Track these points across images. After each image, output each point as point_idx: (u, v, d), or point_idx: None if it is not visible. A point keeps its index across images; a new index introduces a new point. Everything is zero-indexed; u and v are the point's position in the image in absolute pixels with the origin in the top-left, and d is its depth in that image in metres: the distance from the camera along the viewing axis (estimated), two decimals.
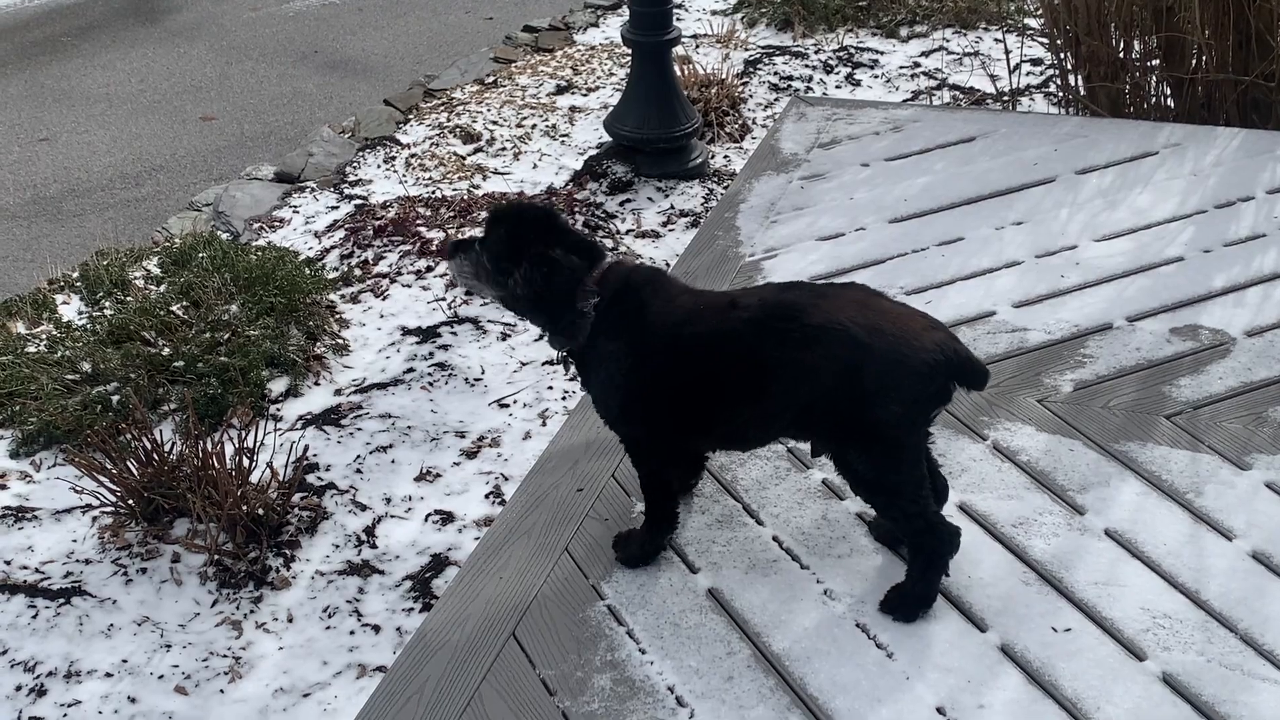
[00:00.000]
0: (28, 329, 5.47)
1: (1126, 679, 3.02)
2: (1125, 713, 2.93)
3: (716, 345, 3.09)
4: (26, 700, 3.79)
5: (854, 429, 3.05)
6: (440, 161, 7.14)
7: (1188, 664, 3.05)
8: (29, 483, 4.70)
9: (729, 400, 3.12)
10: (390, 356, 5.40)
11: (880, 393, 2.98)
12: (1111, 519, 3.49)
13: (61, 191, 7.68)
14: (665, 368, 3.13)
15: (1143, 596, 3.24)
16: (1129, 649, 3.10)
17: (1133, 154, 5.44)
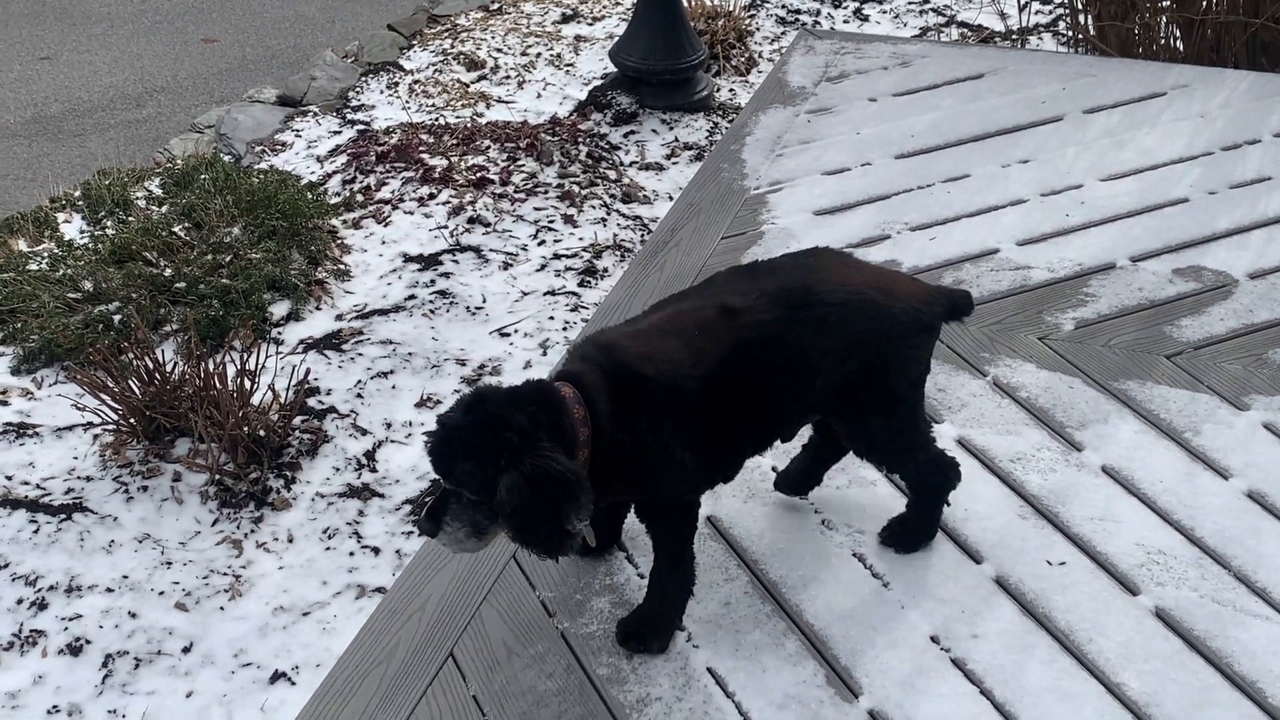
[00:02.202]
0: (29, 246, 5.46)
1: (1119, 612, 3.05)
2: (1117, 645, 2.97)
3: (753, 356, 2.82)
4: (28, 613, 3.82)
5: (878, 396, 2.99)
6: (444, 88, 7.10)
7: (1180, 599, 3.09)
8: (30, 399, 4.70)
9: (776, 405, 2.93)
10: (392, 283, 5.39)
11: (904, 354, 2.97)
12: (1109, 456, 3.52)
13: (62, 111, 7.63)
14: (708, 404, 2.79)
15: (1138, 532, 3.27)
16: (1123, 583, 3.14)
17: (1141, 94, 5.42)
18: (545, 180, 6.00)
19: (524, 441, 2.54)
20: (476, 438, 2.56)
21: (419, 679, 2.91)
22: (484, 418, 2.57)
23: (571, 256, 5.50)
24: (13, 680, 3.65)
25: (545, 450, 2.55)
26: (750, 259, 4.36)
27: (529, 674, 2.92)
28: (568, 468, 2.56)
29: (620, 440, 2.70)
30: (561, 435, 2.62)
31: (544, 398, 2.65)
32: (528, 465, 2.53)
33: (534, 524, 2.56)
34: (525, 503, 2.53)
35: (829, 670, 2.93)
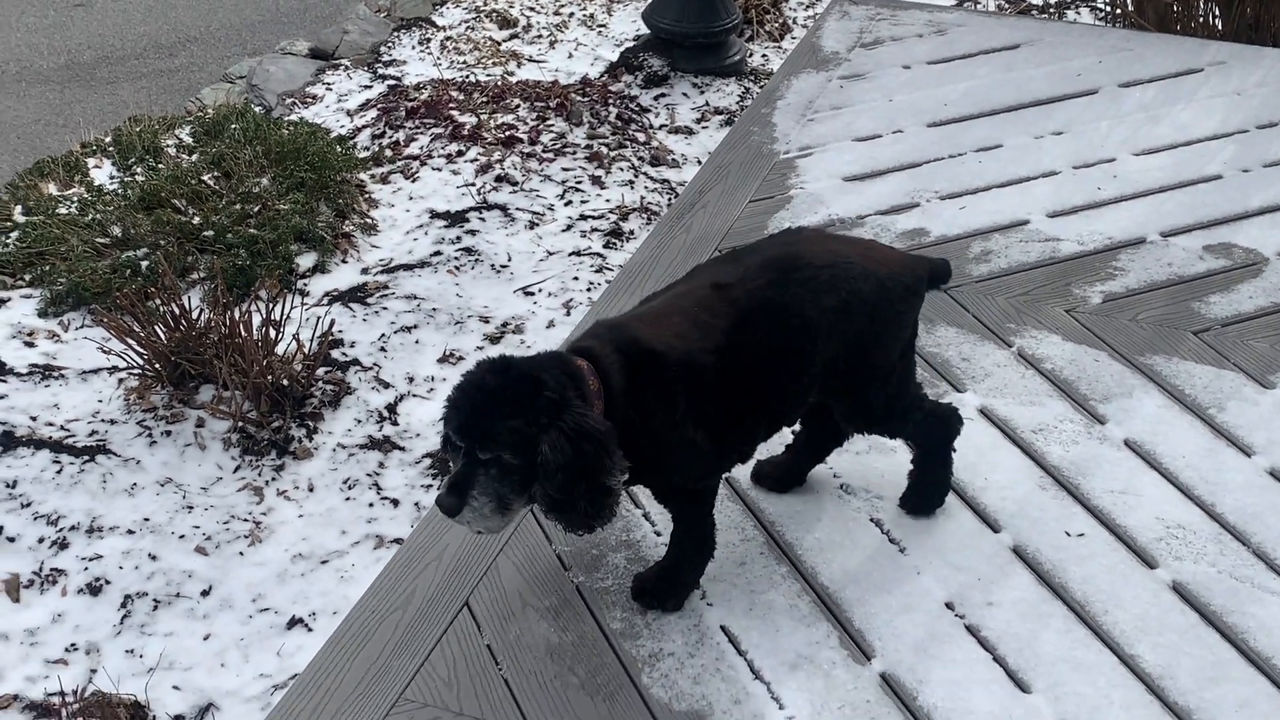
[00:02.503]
0: (59, 190, 5.48)
1: (1136, 585, 3.05)
2: (1133, 617, 2.96)
3: (757, 323, 2.79)
4: (49, 552, 3.85)
5: (874, 366, 2.97)
6: (475, 46, 7.09)
7: (1198, 574, 3.08)
8: (56, 342, 4.73)
9: (785, 373, 2.87)
10: (418, 239, 5.39)
11: (894, 318, 2.95)
12: (1132, 429, 3.50)
13: (95, 58, 7.65)
14: (720, 377, 2.76)
15: (1158, 507, 3.26)
16: (1141, 557, 3.13)
17: (1177, 70, 5.37)
18: (574, 141, 5.99)
19: (561, 399, 2.50)
20: (515, 396, 2.49)
21: (434, 626, 2.92)
22: (520, 378, 2.52)
23: (598, 218, 5.49)
24: (32, 618, 3.68)
25: (580, 408, 2.52)
26: (777, 223, 4.36)
27: (543, 625, 2.93)
28: (603, 423, 2.53)
29: (632, 420, 2.65)
30: (584, 401, 2.57)
31: (563, 366, 2.61)
32: (569, 422, 2.48)
33: (575, 484, 2.51)
34: (569, 462, 2.48)
35: (842, 632, 2.93)
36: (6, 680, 3.51)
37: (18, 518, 3.91)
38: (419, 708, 2.75)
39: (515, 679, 2.81)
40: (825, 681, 2.82)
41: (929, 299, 3.85)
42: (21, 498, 3.97)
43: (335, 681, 2.81)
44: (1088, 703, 2.78)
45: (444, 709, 2.74)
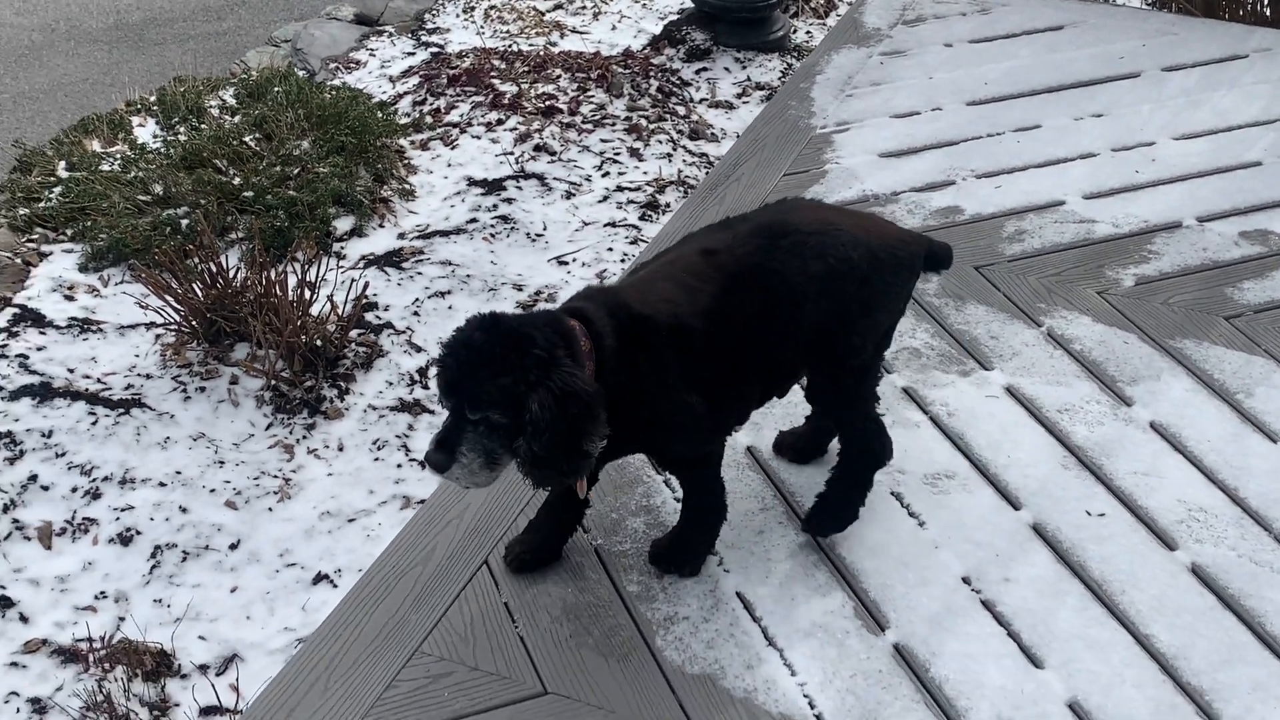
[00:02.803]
0: (103, 148, 5.54)
1: (1155, 566, 3.05)
2: (1150, 598, 2.97)
3: (742, 286, 2.77)
4: (81, 501, 3.91)
5: (858, 334, 2.92)
6: (519, 15, 7.11)
7: (1218, 557, 3.07)
8: (96, 296, 4.79)
9: (773, 337, 2.84)
10: (455, 205, 5.42)
11: (885, 290, 2.93)
12: (1158, 412, 3.49)
13: (144, 19, 7.71)
14: (709, 340, 2.75)
15: (1181, 489, 3.26)
16: (1161, 538, 3.13)
17: (1221, 55, 5.33)
18: (613, 112, 6.00)
19: (550, 357, 2.49)
20: (503, 354, 2.48)
21: (453, 583, 2.96)
22: (506, 334, 2.51)
23: (635, 190, 5.51)
24: (63, 565, 3.75)
25: (569, 367, 2.50)
26: (810, 198, 4.36)
27: (561, 586, 2.96)
28: (590, 383, 2.53)
29: (624, 382, 2.64)
30: (576, 362, 2.56)
31: (555, 324, 2.59)
32: (556, 381, 2.47)
33: (558, 445, 2.50)
34: (554, 420, 2.46)
35: (857, 603, 2.95)
36: (36, 625, 3.58)
37: (52, 467, 3.98)
38: (435, 661, 2.78)
39: (531, 637, 2.84)
40: (838, 650, 2.83)
41: (961, 279, 3.89)
42: (57, 447, 4.04)
43: (354, 633, 2.85)
44: (1100, 680, 2.78)
45: (459, 663, 2.78)
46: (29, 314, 4.61)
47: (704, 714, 2.69)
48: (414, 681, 2.74)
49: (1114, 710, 2.72)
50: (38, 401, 4.17)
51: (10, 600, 3.61)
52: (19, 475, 3.94)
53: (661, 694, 2.73)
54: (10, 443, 4.02)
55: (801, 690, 2.75)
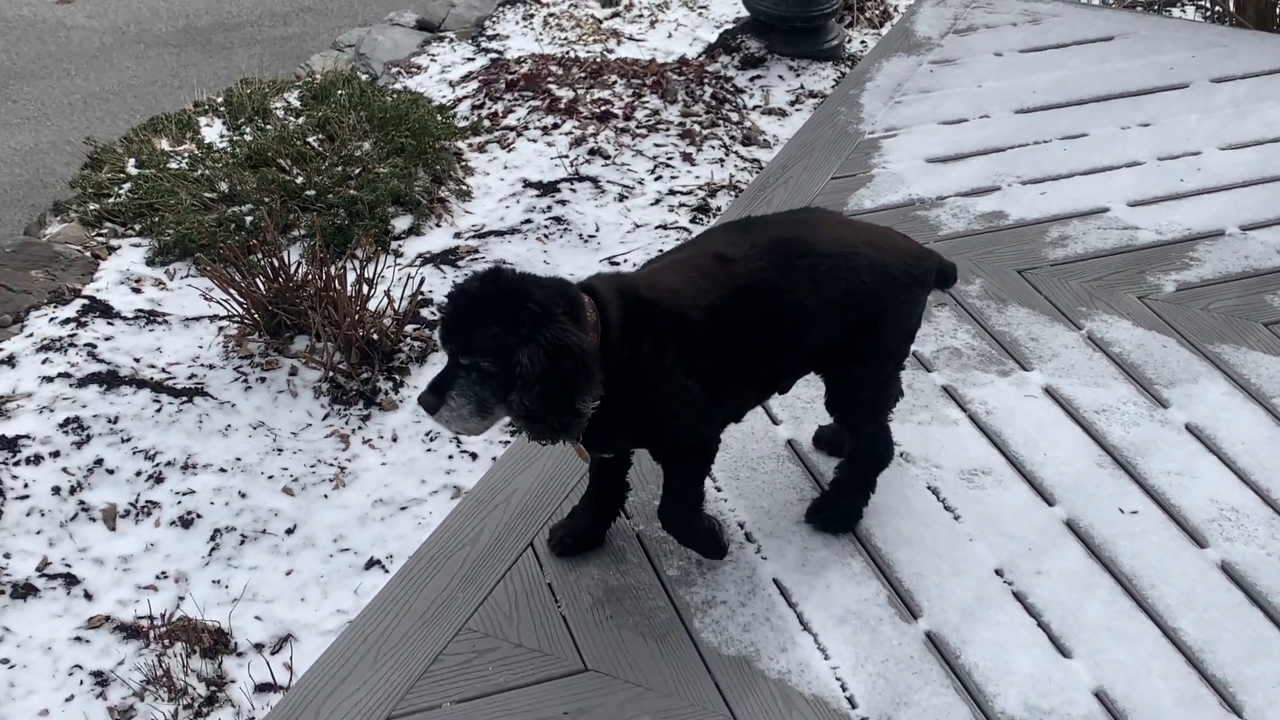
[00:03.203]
0: (171, 146, 5.71)
1: (1185, 563, 3.11)
2: (1179, 593, 3.03)
3: (749, 300, 2.83)
4: (145, 485, 4.05)
5: (873, 348, 3.00)
6: (577, 23, 7.23)
7: (1248, 555, 3.13)
8: (162, 289, 4.94)
9: (774, 349, 2.90)
10: (510, 206, 5.54)
11: (898, 307, 2.99)
12: (1194, 414, 3.55)
13: (212, 24, 7.90)
14: (708, 333, 2.79)
15: (1214, 489, 3.31)
16: (1192, 536, 3.19)
17: (1271, 67, 5.36)
18: (667, 118, 6.10)
19: (545, 312, 2.54)
20: (499, 305, 2.54)
21: (500, 563, 3.07)
22: (505, 287, 2.57)
23: (686, 194, 5.60)
24: (126, 545, 3.88)
25: (565, 324, 2.55)
26: (857, 201, 4.45)
27: (602, 569, 3.07)
28: (585, 341, 2.57)
29: (626, 358, 2.70)
30: (578, 324, 2.60)
31: (561, 287, 2.65)
32: (548, 335, 2.51)
33: (549, 398, 2.54)
34: (545, 373, 2.51)
35: (891, 591, 3.03)
36: (99, 602, 3.71)
37: (117, 451, 4.12)
38: (480, 637, 2.89)
39: (572, 616, 2.95)
40: (871, 636, 2.92)
41: (1003, 282, 3.96)
42: (122, 433, 4.18)
43: (404, 608, 2.96)
44: (1126, 670, 2.85)
45: (504, 639, 2.89)
46: (97, 305, 4.77)
47: (738, 694, 2.78)
48: (460, 656, 2.85)
49: (1139, 699, 2.79)
50: (105, 389, 4.31)
51: (75, 578, 3.75)
52: (86, 459, 4.09)
53: (698, 673, 2.82)
54: (78, 427, 4.16)
55: (834, 673, 2.83)
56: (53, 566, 3.78)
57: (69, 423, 4.17)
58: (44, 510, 3.91)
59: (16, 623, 3.60)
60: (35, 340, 4.53)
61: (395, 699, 2.75)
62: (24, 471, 3.99)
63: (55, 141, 6.52)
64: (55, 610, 3.67)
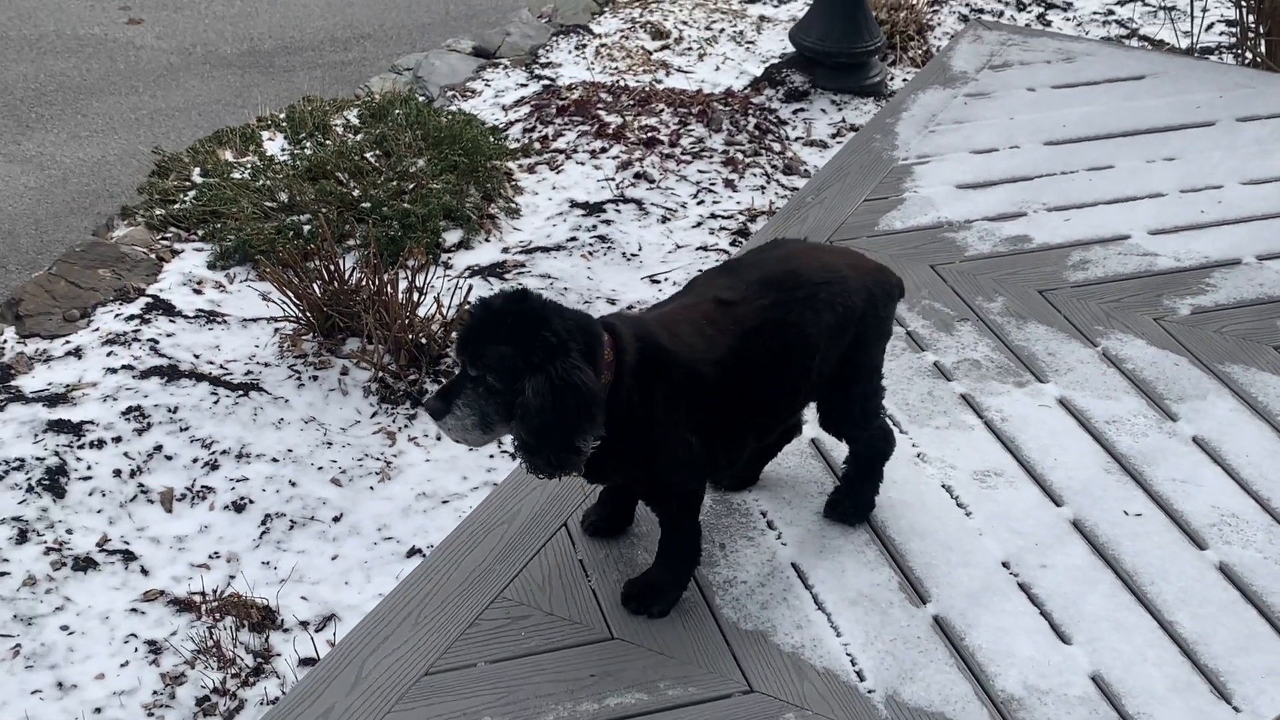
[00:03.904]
0: (235, 158, 5.97)
1: (1184, 563, 3.27)
2: (1177, 589, 3.19)
3: (762, 341, 2.94)
4: (201, 471, 4.27)
5: (864, 366, 3.17)
6: (628, 53, 7.48)
7: (1245, 558, 3.29)
8: (222, 291, 5.19)
9: (787, 387, 3.04)
10: (557, 225, 5.75)
11: (881, 322, 3.17)
12: (1201, 428, 3.71)
13: (275, 47, 8.19)
14: (718, 388, 2.89)
15: (1216, 496, 3.47)
16: (1193, 539, 3.35)
17: None
18: (711, 146, 6.32)
19: (560, 345, 2.57)
20: (516, 326, 2.58)
21: (535, 540, 3.27)
22: (527, 310, 2.61)
23: (727, 218, 5.80)
24: (181, 527, 4.09)
25: (576, 361, 2.58)
26: (888, 222, 4.65)
27: (632, 548, 3.26)
28: (593, 382, 2.60)
29: (635, 404, 2.75)
30: (592, 362, 2.64)
31: (584, 323, 2.70)
32: (558, 369, 2.55)
33: (548, 433, 2.58)
34: (546, 407, 2.55)
35: (902, 578, 3.21)
36: (155, 577, 3.92)
37: (176, 439, 4.34)
38: (514, 605, 3.09)
39: (602, 590, 3.14)
40: (881, 618, 3.09)
41: (1025, 301, 4.14)
42: (181, 422, 4.40)
43: (445, 577, 3.16)
44: (1123, 657, 3.01)
45: (536, 608, 3.09)
46: (160, 304, 5.01)
47: (754, 664, 2.96)
48: (494, 621, 3.05)
49: (1133, 684, 2.95)
50: (165, 381, 4.54)
51: (133, 555, 3.96)
52: (146, 445, 4.31)
53: (717, 645, 3.01)
54: (139, 416, 4.39)
55: (845, 649, 3.01)
56: (112, 543, 3.99)
57: (131, 411, 4.39)
58: (105, 491, 4.12)
59: (77, 593, 3.81)
60: (101, 334, 4.78)
61: (433, 657, 2.95)
62: (88, 454, 4.22)
63: (122, 155, 6.80)
64: (113, 583, 3.88)
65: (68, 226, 6.09)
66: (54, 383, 4.55)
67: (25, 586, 3.78)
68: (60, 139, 6.93)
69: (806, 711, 2.85)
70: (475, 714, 2.81)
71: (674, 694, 2.88)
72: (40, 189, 6.43)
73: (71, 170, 6.63)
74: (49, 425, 4.29)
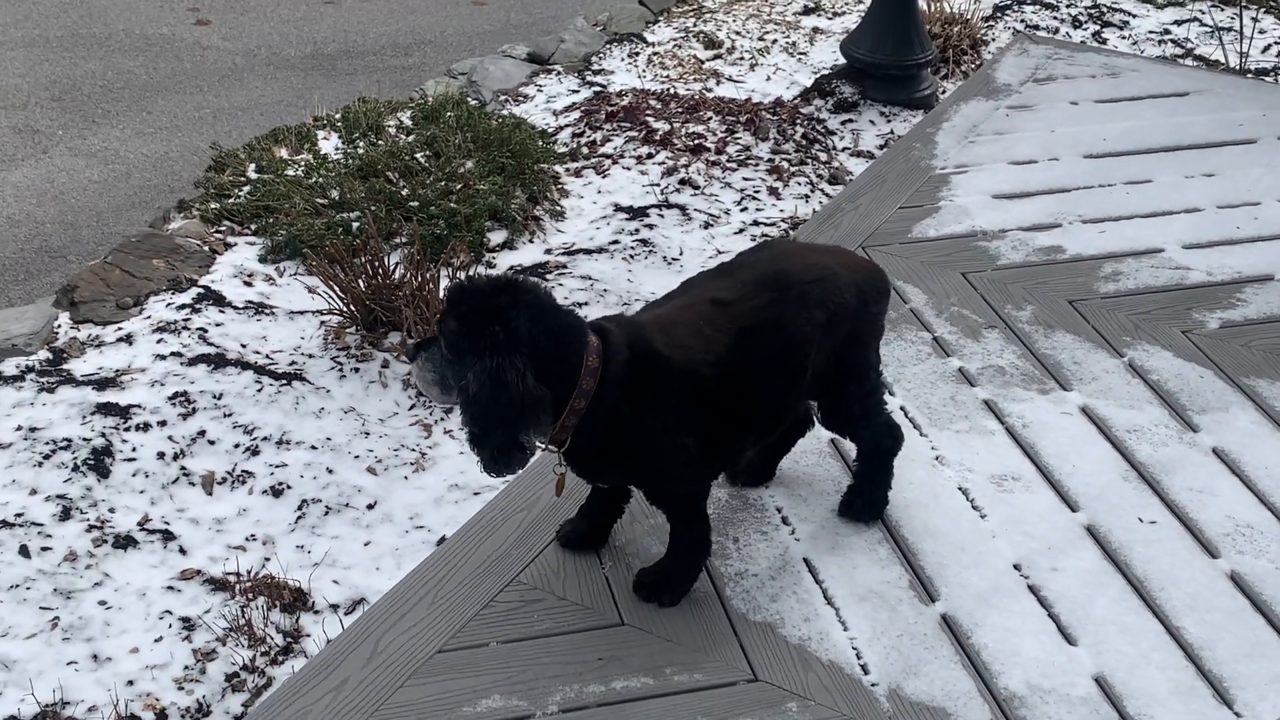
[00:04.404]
0: (289, 155, 6.11)
1: (1195, 570, 3.30)
2: (1186, 595, 3.22)
3: (757, 340, 2.99)
4: (242, 456, 4.39)
5: (857, 363, 3.22)
6: (679, 62, 7.56)
7: (1257, 568, 3.31)
8: (271, 284, 5.31)
9: (783, 387, 3.09)
10: (600, 228, 5.84)
11: (873, 318, 3.22)
12: (1222, 439, 3.73)
13: (337, 51, 8.35)
14: (717, 388, 2.94)
15: (1232, 507, 3.50)
16: (1206, 547, 3.37)
17: None
18: (758, 154, 6.38)
19: (507, 343, 2.65)
20: (480, 311, 2.67)
21: (552, 527, 3.35)
22: (498, 300, 2.69)
23: (770, 225, 5.86)
24: (220, 509, 4.20)
25: (516, 362, 2.65)
26: (921, 230, 4.69)
27: (647, 539, 3.33)
28: (525, 387, 2.65)
29: (623, 412, 2.81)
30: (562, 371, 2.73)
31: (565, 330, 2.78)
32: (492, 363, 2.63)
33: (490, 425, 2.68)
34: (483, 397, 2.65)
35: (913, 576, 3.25)
36: (192, 557, 4.03)
37: (220, 424, 4.46)
38: (529, 589, 3.18)
39: (614, 577, 3.22)
40: (890, 614, 3.14)
41: (1054, 310, 4.18)
42: (225, 408, 4.52)
43: (463, 560, 3.26)
44: (1127, 660, 3.04)
45: (550, 592, 3.17)
46: (211, 294, 5.14)
47: (760, 654, 3.02)
48: (509, 603, 3.13)
49: (1136, 686, 2.98)
50: (212, 368, 4.67)
51: (172, 535, 4.07)
52: (190, 429, 4.43)
53: (725, 634, 3.07)
54: (185, 401, 4.51)
55: (851, 643, 3.07)
56: (152, 523, 4.10)
57: (177, 396, 4.52)
58: (148, 472, 4.25)
59: (116, 570, 3.93)
60: (152, 322, 4.91)
61: (447, 635, 3.04)
62: (133, 437, 4.35)
63: (184, 151, 6.96)
64: (152, 561, 3.99)
65: (128, 220, 6.25)
66: (104, 367, 4.69)
67: (66, 562, 3.90)
68: (125, 135, 7.10)
69: (809, 702, 2.91)
70: (484, 691, 2.90)
71: (679, 680, 2.95)
72: (104, 183, 6.59)
73: (135, 165, 6.79)
74: (97, 407, 4.42)
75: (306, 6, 8.97)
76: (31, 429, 4.32)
